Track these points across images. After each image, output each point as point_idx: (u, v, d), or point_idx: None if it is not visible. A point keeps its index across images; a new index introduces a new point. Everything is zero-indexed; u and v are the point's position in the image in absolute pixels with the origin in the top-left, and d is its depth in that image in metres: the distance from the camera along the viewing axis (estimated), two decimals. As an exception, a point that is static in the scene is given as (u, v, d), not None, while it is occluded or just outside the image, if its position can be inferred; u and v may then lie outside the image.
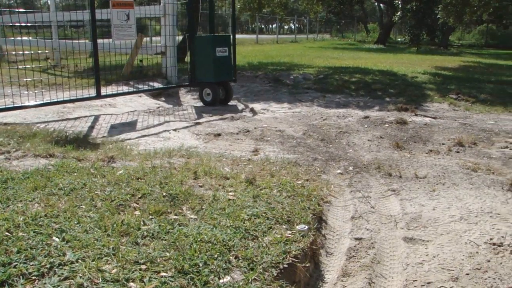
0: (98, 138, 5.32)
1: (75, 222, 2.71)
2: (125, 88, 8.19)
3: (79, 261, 2.26)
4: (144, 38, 10.27)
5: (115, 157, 4.33)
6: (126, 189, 3.33)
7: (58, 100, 6.61)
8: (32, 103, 6.40)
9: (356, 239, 3.14)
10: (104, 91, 7.29)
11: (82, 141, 5.04)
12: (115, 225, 2.69)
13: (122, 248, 2.42)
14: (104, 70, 8.18)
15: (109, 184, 3.43)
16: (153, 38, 13.91)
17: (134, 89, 8.50)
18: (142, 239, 2.57)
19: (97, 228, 2.65)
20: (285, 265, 2.44)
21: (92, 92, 7.04)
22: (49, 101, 6.50)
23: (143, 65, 10.20)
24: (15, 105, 6.35)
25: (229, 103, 8.25)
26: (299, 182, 3.83)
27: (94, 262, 2.25)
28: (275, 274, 2.34)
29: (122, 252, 2.37)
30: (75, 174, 3.66)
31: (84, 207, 2.97)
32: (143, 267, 2.26)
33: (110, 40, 7.13)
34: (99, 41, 7.03)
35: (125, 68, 9.66)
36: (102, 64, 7.62)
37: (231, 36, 8.47)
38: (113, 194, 3.22)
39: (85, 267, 2.19)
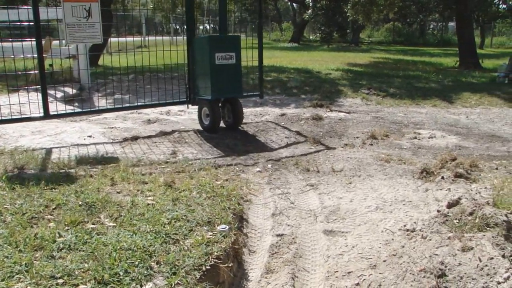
0: (7, 148, 5.01)
1: (-18, 240, 2.54)
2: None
3: (-12, 281, 2.13)
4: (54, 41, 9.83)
5: (25, 167, 4.12)
6: (39, 201, 3.18)
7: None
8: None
9: (278, 235, 3.19)
10: (11, 98, 6.86)
11: (-11, 153, 4.74)
12: (27, 240, 2.56)
13: (36, 264, 2.31)
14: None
15: (19, 197, 3.26)
16: (63, 41, 13.32)
17: (118, 106, 6.56)
18: (58, 252, 2.46)
19: (7, 245, 2.50)
20: (208, 267, 2.44)
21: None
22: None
23: (53, 70, 9.75)
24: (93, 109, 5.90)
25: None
26: (219, 182, 3.83)
27: (4, 282, 2.12)
28: (198, 277, 2.33)
29: (36, 268, 2.26)
30: (-19, 188, 3.44)
31: (-8, 222, 2.80)
32: (60, 281, 2.16)
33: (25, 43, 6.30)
34: (5, 45, 6.56)
35: (33, 74, 9.19)
36: (7, 69, 7.21)
37: (251, 38, 6.87)
38: (25, 206, 3.06)
39: (-5, 287, 2.07)
